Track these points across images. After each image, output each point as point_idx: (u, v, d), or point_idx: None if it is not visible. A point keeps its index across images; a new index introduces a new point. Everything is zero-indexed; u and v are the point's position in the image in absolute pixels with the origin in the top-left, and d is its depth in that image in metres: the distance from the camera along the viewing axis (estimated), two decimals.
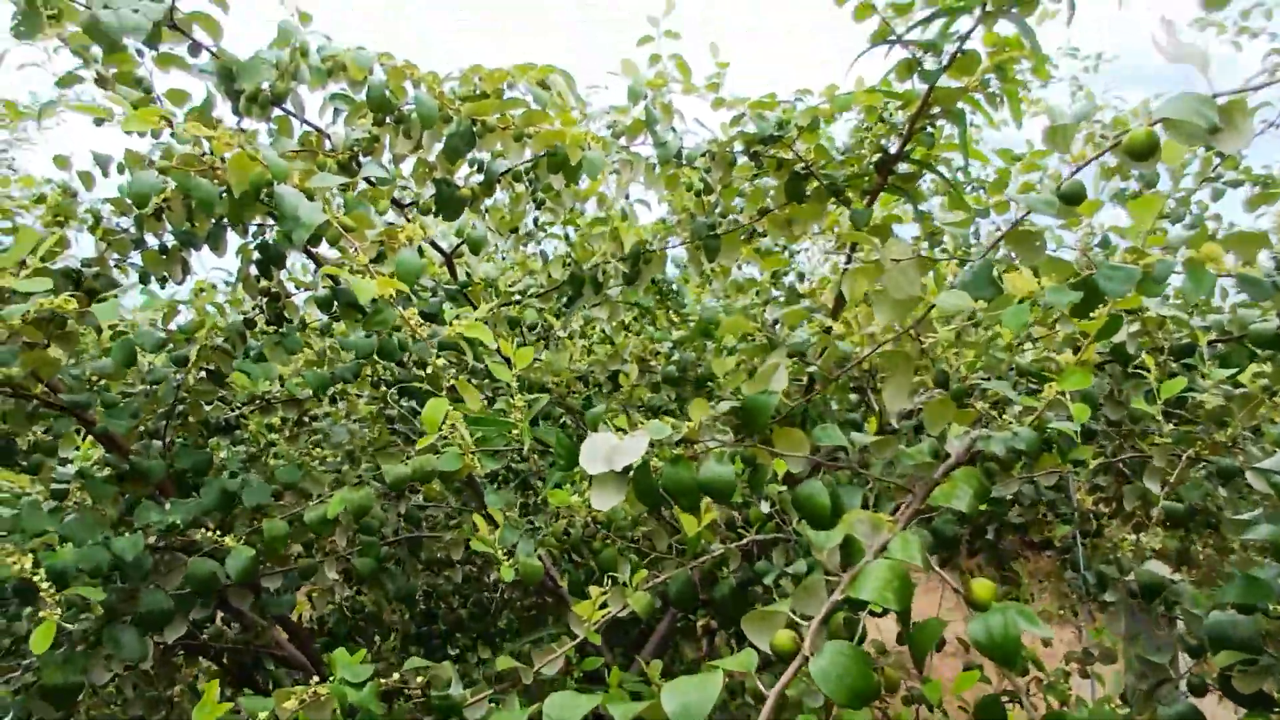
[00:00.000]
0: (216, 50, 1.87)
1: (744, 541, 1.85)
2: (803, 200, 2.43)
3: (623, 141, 2.46)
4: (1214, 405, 1.94)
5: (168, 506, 1.65)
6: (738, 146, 2.41)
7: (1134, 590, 2.24)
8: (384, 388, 2.32)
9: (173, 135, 1.73)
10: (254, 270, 2.41)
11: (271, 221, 2.22)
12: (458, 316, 1.66)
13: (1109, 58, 3.69)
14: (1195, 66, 1.25)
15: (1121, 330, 2.21)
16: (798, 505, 1.37)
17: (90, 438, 2.71)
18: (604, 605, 1.55)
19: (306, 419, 2.95)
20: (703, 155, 2.42)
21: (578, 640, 1.56)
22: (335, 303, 2.44)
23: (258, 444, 2.87)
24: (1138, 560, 2.31)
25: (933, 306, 1.33)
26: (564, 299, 2.95)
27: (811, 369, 1.85)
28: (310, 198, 1.59)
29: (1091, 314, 1.44)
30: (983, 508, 1.30)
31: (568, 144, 1.90)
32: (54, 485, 2.79)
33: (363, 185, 1.99)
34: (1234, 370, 2.01)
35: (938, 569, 1.26)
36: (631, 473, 1.51)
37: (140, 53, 2.09)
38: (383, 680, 1.34)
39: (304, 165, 1.64)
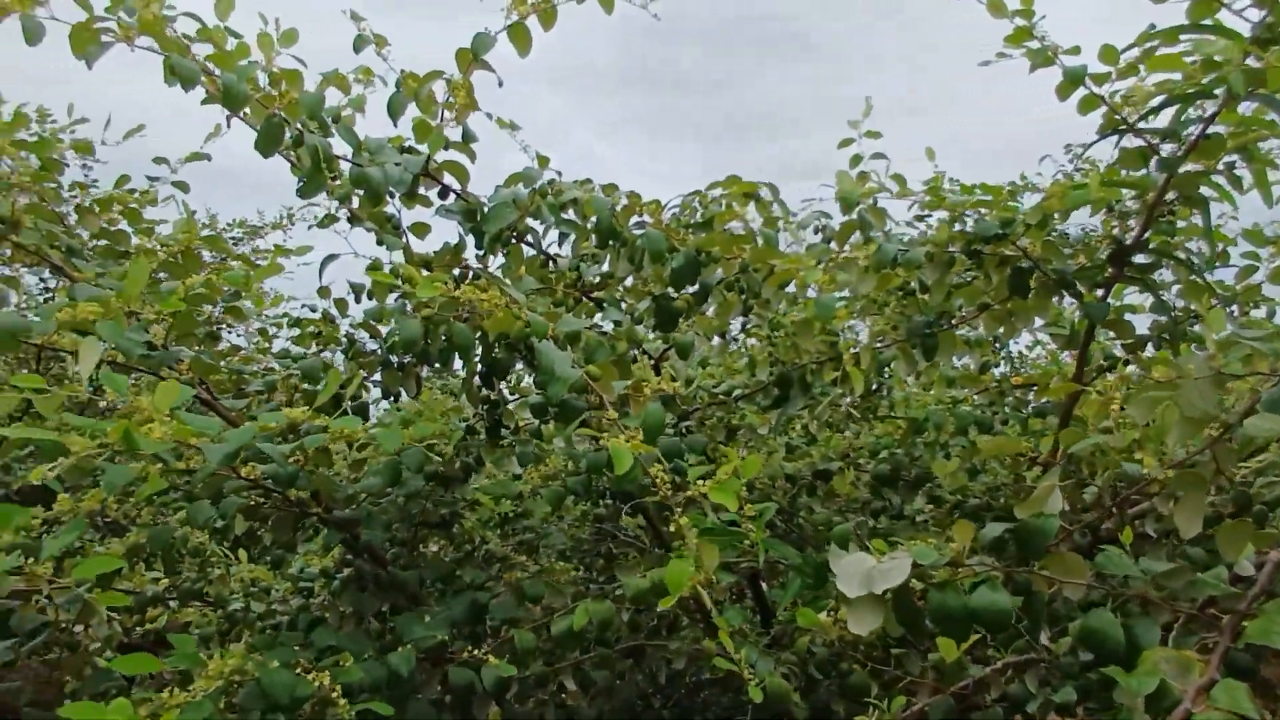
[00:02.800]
0: (462, 193, 2.03)
1: (999, 664, 1.74)
2: (1026, 295, 2.34)
3: (833, 246, 2.47)
4: None
5: (427, 620, 1.73)
6: (955, 246, 2.36)
7: None
8: (609, 501, 2.37)
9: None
10: (477, 381, 2.56)
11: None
12: (701, 478, 1.66)
13: None
14: None
15: None
16: (1087, 638, 1.28)
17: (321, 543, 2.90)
18: None
19: (512, 515, 3.05)
20: (919, 255, 2.38)
21: None
22: (547, 409, 2.55)
23: (472, 542, 2.99)
24: None
25: (1230, 427, 1.23)
26: (770, 401, 2.94)
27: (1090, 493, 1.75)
28: (560, 346, 1.66)
29: None
30: None
31: (800, 279, 1.92)
32: (301, 583, 3.00)
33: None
34: None
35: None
36: (890, 596, 1.46)
37: (392, 194, 2.31)
38: None
39: (549, 311, 1.73)
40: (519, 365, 2.71)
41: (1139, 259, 2.24)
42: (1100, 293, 2.26)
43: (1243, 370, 1.22)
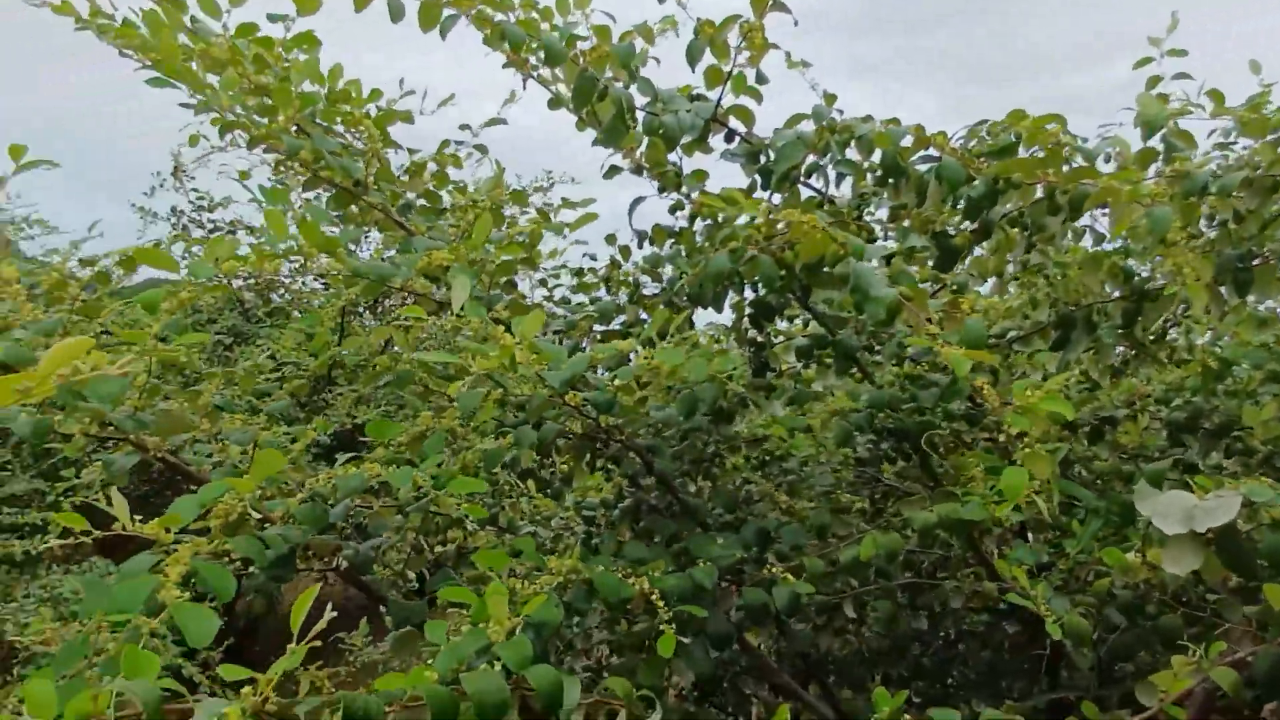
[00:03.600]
0: (747, 135, 2.09)
1: None
2: None
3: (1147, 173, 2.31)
4: None
5: (719, 542, 1.86)
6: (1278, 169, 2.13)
7: None
8: (885, 434, 2.38)
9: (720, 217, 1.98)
10: (746, 323, 2.64)
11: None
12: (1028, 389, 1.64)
13: None
14: None
15: None
16: None
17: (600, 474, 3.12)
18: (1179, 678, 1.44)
19: (771, 458, 3.13)
20: (1235, 180, 2.17)
21: (1146, 713, 1.47)
22: (814, 351, 2.59)
23: (733, 481, 3.11)
24: None
25: None
26: (1048, 342, 2.81)
27: None
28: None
29: None
30: None
31: (1124, 200, 1.82)
32: (585, 513, 3.26)
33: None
34: None
35: None
36: (1213, 533, 1.40)
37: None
38: None
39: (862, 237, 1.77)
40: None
41: None
42: None
43: None
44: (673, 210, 2.14)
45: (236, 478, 1.31)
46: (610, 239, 2.54)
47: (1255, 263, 2.32)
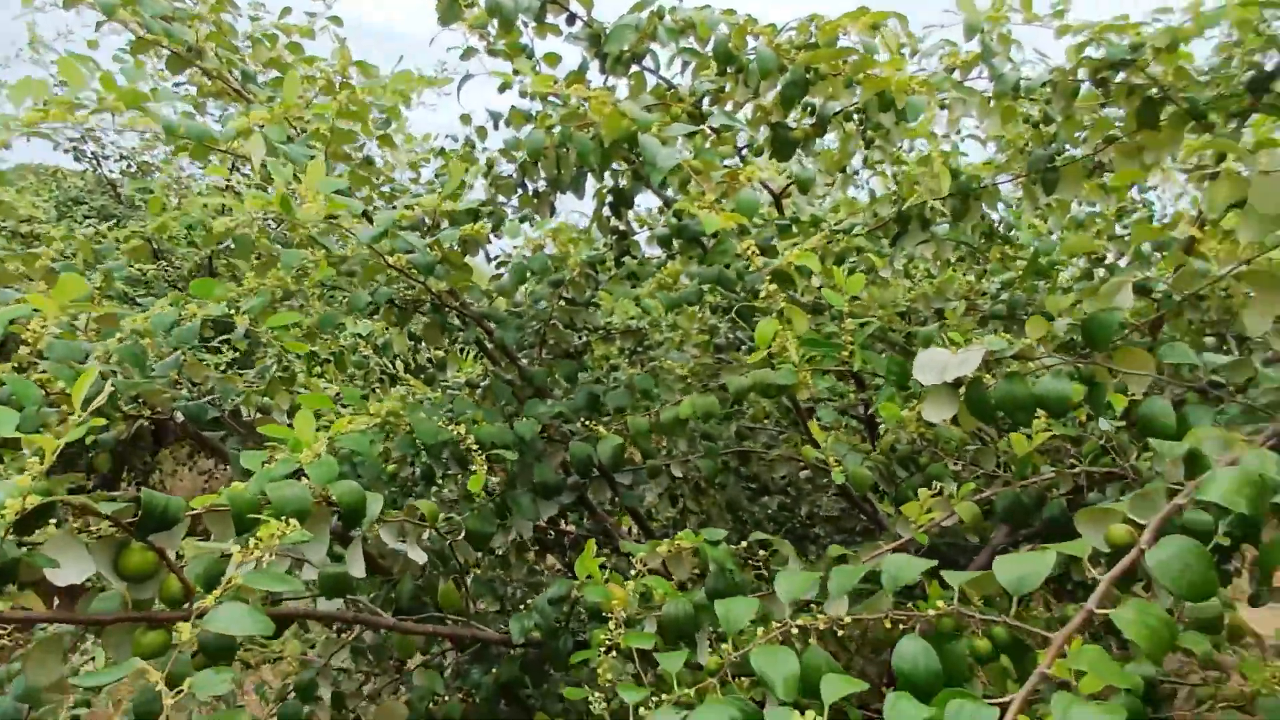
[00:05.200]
0: (588, 19, 2.15)
1: (1076, 470, 1.85)
2: (1156, 126, 2.29)
3: (956, 76, 2.46)
4: None
5: (549, 403, 1.99)
6: (1083, 73, 2.31)
7: None
8: (721, 314, 2.54)
9: (556, 97, 2.04)
10: (607, 211, 2.74)
11: (624, 167, 2.53)
12: (792, 246, 1.83)
13: None
14: None
15: None
16: (1142, 422, 1.38)
17: (471, 358, 3.22)
18: (930, 511, 1.65)
19: (642, 348, 3.29)
20: (1043, 86, 2.35)
21: (902, 540, 1.67)
22: (675, 240, 2.71)
23: (601, 369, 3.26)
24: None
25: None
26: (890, 236, 3.00)
27: (1163, 291, 1.78)
28: (665, 145, 1.82)
29: None
30: None
31: (894, 89, 1.97)
32: (449, 392, 3.35)
33: (709, 133, 2.19)
34: None
35: None
36: (964, 387, 1.59)
37: (525, 25, 2.46)
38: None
39: (660, 116, 1.87)
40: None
41: None
42: (1234, 124, 2.19)
43: None
44: (501, 89, 2.20)
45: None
46: (465, 119, 2.58)
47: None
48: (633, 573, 1.44)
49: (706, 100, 2.25)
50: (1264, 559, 1.14)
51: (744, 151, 2.64)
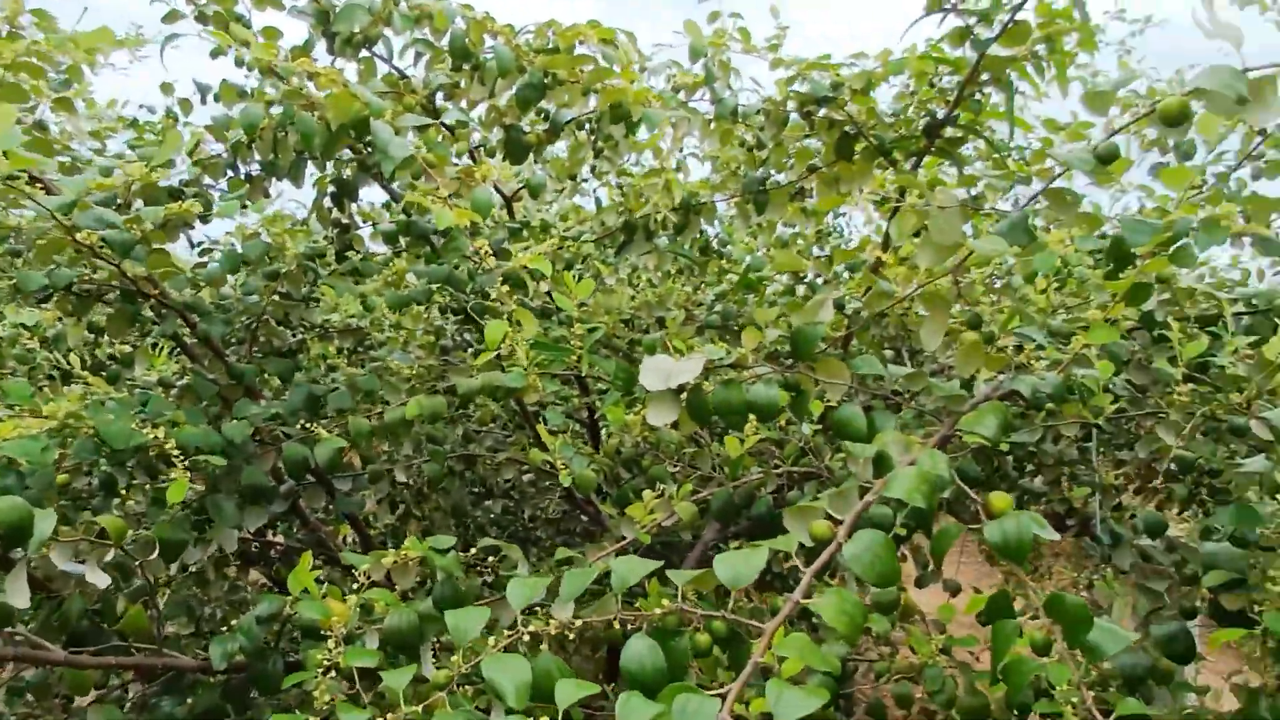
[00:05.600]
0: None
1: (780, 470, 2.00)
2: (851, 159, 2.55)
3: (681, 96, 2.59)
4: (1234, 371, 2.05)
5: (263, 404, 1.83)
6: (791, 105, 2.52)
7: (1145, 554, 2.37)
8: (449, 314, 2.48)
9: (276, 72, 1.89)
10: (328, 202, 2.58)
11: (349, 156, 2.40)
12: (524, 249, 1.83)
13: (1157, 21, 3.77)
14: (1230, 43, 1.36)
15: (1151, 299, 2.32)
16: (837, 427, 1.52)
17: (165, 353, 2.91)
18: (653, 512, 1.72)
19: (362, 349, 3.15)
20: (757, 113, 2.54)
21: (626, 540, 1.73)
22: (402, 237, 2.61)
23: (318, 369, 3.07)
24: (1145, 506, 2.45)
25: (971, 252, 1.46)
26: (615, 246, 3.10)
27: (853, 308, 1.99)
28: (399, 134, 1.75)
29: (1121, 276, 1.57)
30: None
31: (630, 100, 2.04)
32: (138, 392, 3.00)
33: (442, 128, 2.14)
34: (1257, 339, 2.12)
35: (968, 490, 1.41)
36: (685, 393, 1.67)
37: None
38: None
39: (392, 105, 1.80)
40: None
41: (949, 134, 2.47)
42: (913, 161, 2.48)
43: (986, 204, 1.43)
44: (214, 55, 2.01)
45: None
46: (166, 88, 2.32)
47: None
48: (354, 585, 1.36)
49: (440, 95, 2.19)
50: (935, 546, 1.29)
51: (476, 152, 2.61)
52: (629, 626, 1.18)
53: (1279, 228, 1.73)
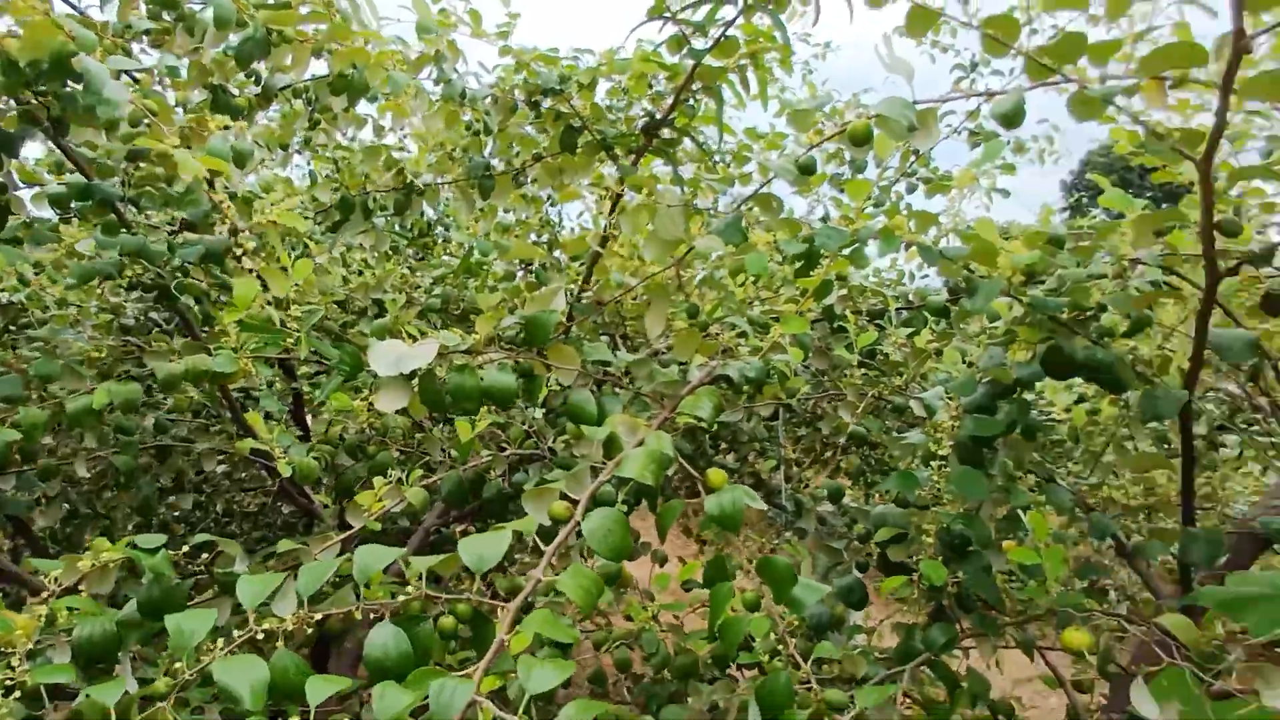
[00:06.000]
0: None
1: (507, 454, 2.04)
2: (574, 152, 2.63)
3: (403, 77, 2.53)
4: (896, 357, 2.40)
5: None
6: (519, 94, 2.56)
7: (824, 518, 2.69)
8: (137, 291, 2.23)
9: None
10: None
11: (14, 105, 2.08)
12: (271, 204, 1.71)
13: (835, 48, 4.29)
14: (903, 76, 1.59)
15: (831, 294, 2.64)
16: (569, 411, 1.59)
17: None
18: (382, 499, 1.68)
19: (16, 328, 2.75)
20: (485, 98, 2.54)
21: (352, 531, 1.68)
22: (79, 200, 2.31)
23: None
24: (823, 477, 2.77)
25: (691, 248, 1.58)
26: (330, 223, 2.95)
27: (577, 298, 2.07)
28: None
29: (810, 274, 1.78)
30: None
31: (370, 64, 1.96)
32: None
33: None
34: (913, 330, 2.49)
35: (689, 468, 1.53)
36: (417, 378, 1.65)
37: None
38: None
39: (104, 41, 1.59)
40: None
41: (666, 134, 2.63)
42: (633, 159, 2.62)
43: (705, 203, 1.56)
44: None
45: None
46: None
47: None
48: (43, 595, 1.21)
49: (147, 42, 1.97)
50: (661, 519, 1.40)
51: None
52: (372, 616, 1.16)
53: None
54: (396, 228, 3.53)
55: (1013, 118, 1.50)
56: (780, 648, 1.41)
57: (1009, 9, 1.33)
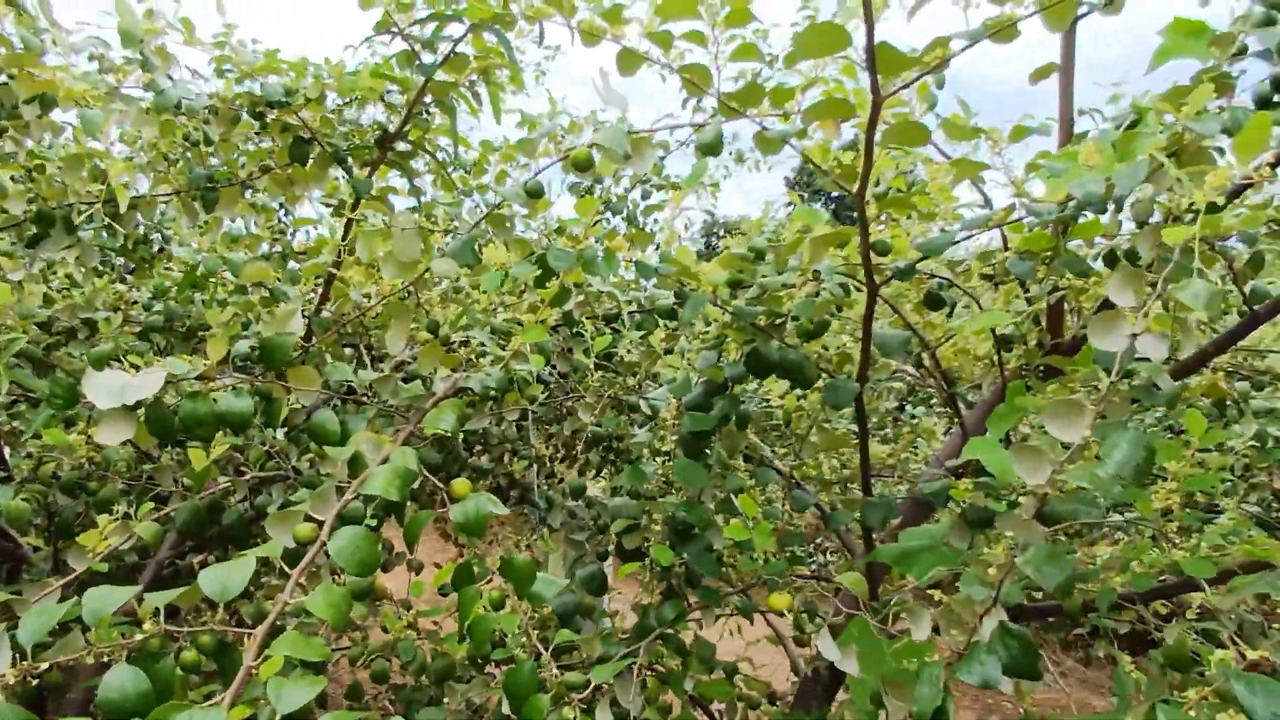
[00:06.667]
0: None
1: (248, 477, 2.00)
2: (305, 163, 2.59)
3: (111, 80, 2.37)
4: (630, 358, 2.58)
5: None
6: (241, 105, 2.47)
7: (572, 512, 2.84)
8: None
9: None
10: None
11: None
12: None
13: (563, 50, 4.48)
14: (618, 108, 1.75)
15: (570, 300, 2.78)
16: (312, 432, 1.60)
17: None
18: (108, 537, 1.60)
19: None
20: (205, 108, 2.43)
21: (75, 575, 1.59)
22: None
23: None
24: (570, 473, 2.92)
25: (428, 269, 1.65)
26: (27, 239, 2.69)
27: (316, 312, 2.05)
28: None
29: (548, 285, 1.90)
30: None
31: (62, 95, 1.84)
32: None
33: None
34: (645, 332, 2.69)
35: (432, 478, 1.59)
36: (143, 407, 1.59)
37: None
38: None
39: None
40: None
41: (401, 147, 2.65)
42: (368, 171, 2.62)
43: (440, 226, 1.63)
44: None
45: None
46: None
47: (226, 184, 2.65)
48: None
49: None
50: (408, 531, 1.46)
51: None
52: (105, 659, 1.13)
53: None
54: (105, 238, 3.26)
55: (712, 147, 1.70)
56: (524, 640, 1.51)
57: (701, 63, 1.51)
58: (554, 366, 2.45)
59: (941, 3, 1.34)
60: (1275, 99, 1.38)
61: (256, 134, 2.62)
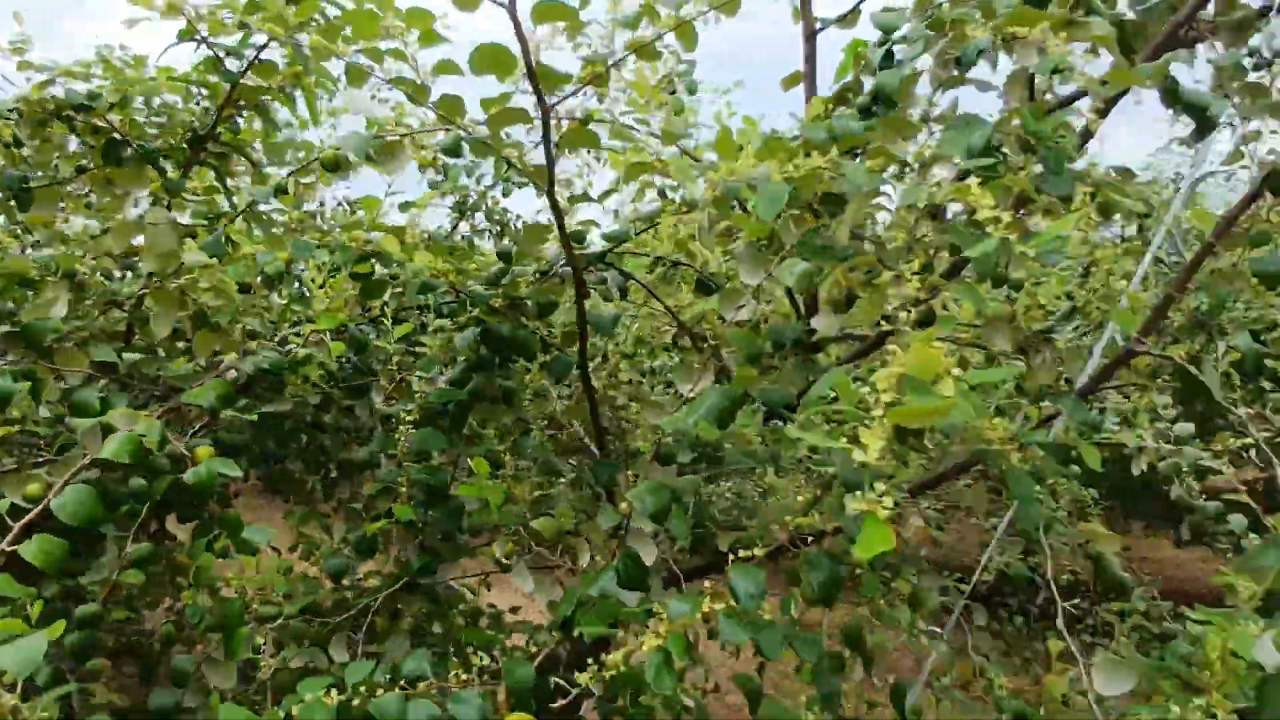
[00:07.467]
0: None
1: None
2: (121, 164, 2.71)
3: None
4: (434, 346, 2.78)
5: None
6: (50, 108, 2.58)
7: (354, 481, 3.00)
8: None
9: None
10: None
11: None
12: None
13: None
14: (364, 116, 1.94)
15: (386, 293, 2.97)
16: (75, 407, 1.76)
17: None
18: None
19: None
20: (11, 110, 2.54)
21: None
22: None
23: None
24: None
25: (182, 263, 1.83)
26: None
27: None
28: None
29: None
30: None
31: None
32: None
33: None
34: (452, 317, 2.89)
35: (181, 449, 1.76)
36: None
37: None
38: None
39: None
40: None
41: (216, 148, 2.80)
42: (182, 170, 2.75)
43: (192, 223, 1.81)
44: None
45: None
46: None
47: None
48: None
49: None
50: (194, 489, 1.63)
51: None
52: None
53: None
54: None
55: (453, 150, 1.92)
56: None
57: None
58: (355, 355, 2.63)
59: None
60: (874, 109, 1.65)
61: (75, 135, 2.73)
